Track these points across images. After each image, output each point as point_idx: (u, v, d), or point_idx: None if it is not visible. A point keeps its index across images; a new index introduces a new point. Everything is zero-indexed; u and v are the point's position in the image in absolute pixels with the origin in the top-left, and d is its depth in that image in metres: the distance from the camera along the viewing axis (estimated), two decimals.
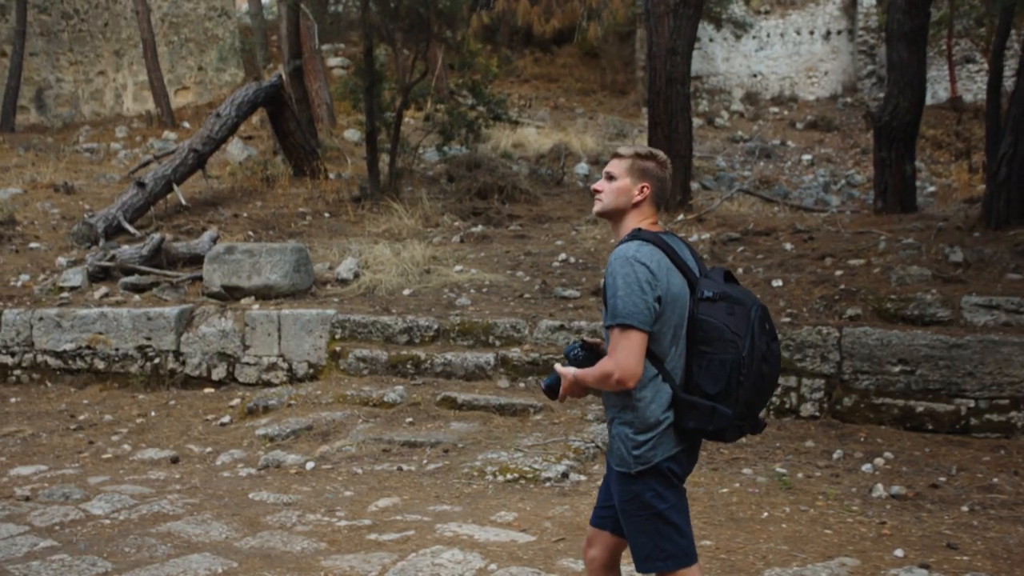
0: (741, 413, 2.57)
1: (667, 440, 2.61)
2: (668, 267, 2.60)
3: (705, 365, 2.58)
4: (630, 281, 2.53)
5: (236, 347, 7.58)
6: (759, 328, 2.57)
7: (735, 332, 2.56)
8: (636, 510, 2.66)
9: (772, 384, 2.63)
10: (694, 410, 2.58)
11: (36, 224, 10.84)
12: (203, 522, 4.81)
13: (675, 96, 11.19)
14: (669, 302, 2.57)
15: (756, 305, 2.62)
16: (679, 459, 2.65)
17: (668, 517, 2.65)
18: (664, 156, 2.80)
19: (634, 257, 2.55)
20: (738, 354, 2.55)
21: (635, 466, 2.62)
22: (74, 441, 6.59)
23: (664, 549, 2.66)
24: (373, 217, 11.06)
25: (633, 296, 2.51)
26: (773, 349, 2.62)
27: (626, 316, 2.52)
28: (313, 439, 6.24)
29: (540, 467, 5.56)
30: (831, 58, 24.27)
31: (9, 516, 4.89)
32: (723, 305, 2.59)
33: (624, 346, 2.52)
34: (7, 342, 8.00)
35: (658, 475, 2.62)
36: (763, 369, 2.56)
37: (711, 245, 8.92)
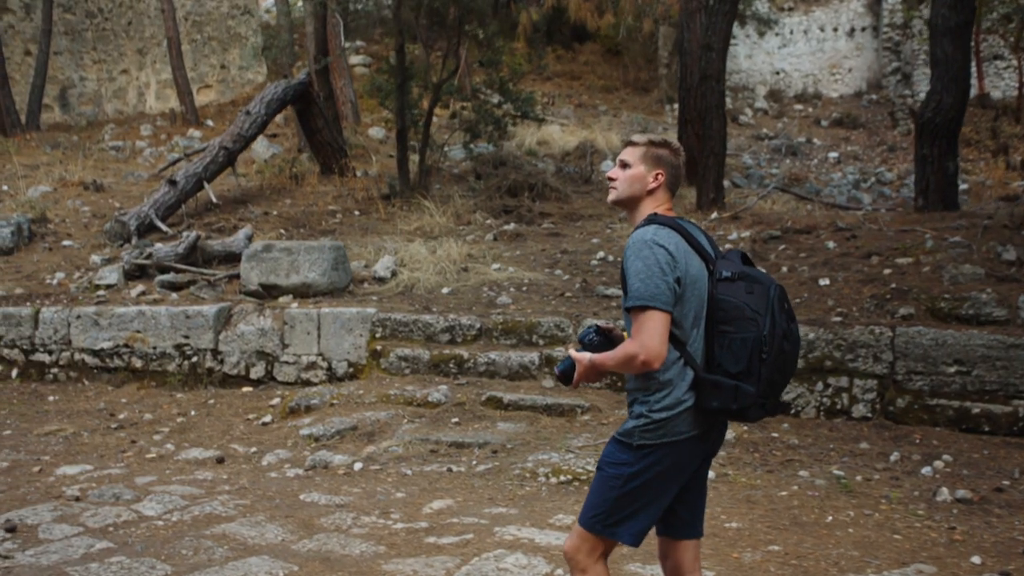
0: (764, 391, 2.57)
1: (681, 423, 2.60)
2: (686, 249, 2.61)
3: (727, 344, 2.58)
4: (650, 263, 2.54)
5: (275, 346, 7.52)
6: (779, 306, 2.58)
7: (755, 310, 2.57)
8: (612, 477, 2.66)
9: (793, 363, 2.64)
10: (717, 389, 2.57)
11: (67, 222, 10.81)
12: (257, 524, 4.73)
13: (709, 93, 11.06)
14: (689, 284, 2.58)
15: (774, 284, 2.62)
16: (684, 446, 2.62)
17: (628, 492, 2.62)
18: (677, 144, 2.79)
19: (652, 240, 2.57)
20: (759, 332, 2.55)
21: (637, 439, 2.62)
22: (116, 440, 6.53)
23: (612, 515, 2.64)
24: (404, 215, 10.98)
25: (654, 278, 2.52)
26: (792, 330, 2.62)
27: (648, 298, 2.51)
28: (359, 439, 6.16)
29: (593, 469, 5.46)
30: (855, 55, 24.05)
31: (62, 517, 4.83)
32: (742, 284, 2.60)
33: (648, 327, 2.52)
34: (45, 340, 7.96)
35: (654, 455, 2.61)
36: (784, 347, 2.57)
37: (751, 243, 8.80)
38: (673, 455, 2.61)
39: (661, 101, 20.86)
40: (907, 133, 20.09)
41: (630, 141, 2.81)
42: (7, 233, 9.64)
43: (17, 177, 12.60)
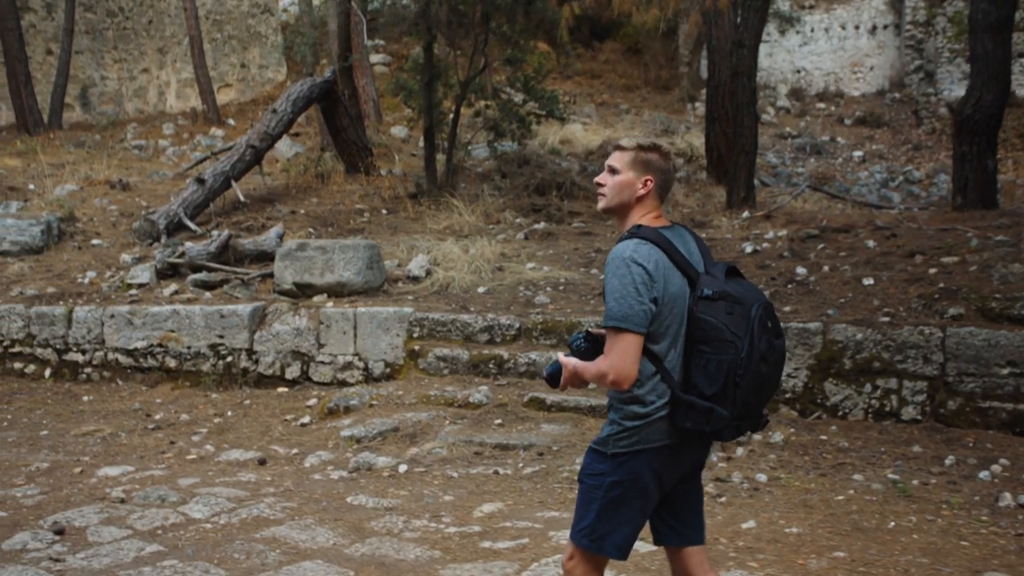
0: (739, 413, 2.55)
1: (653, 432, 2.59)
2: (667, 266, 2.56)
3: (703, 365, 2.55)
4: (626, 283, 2.50)
5: (310, 345, 7.44)
6: (759, 328, 2.53)
7: (734, 332, 2.52)
8: (589, 479, 2.66)
9: (773, 384, 2.61)
10: (691, 410, 2.55)
11: (95, 221, 10.77)
12: (307, 527, 4.65)
13: (741, 90, 10.94)
14: (667, 303, 2.54)
15: (758, 303, 2.56)
16: (662, 454, 2.60)
17: (610, 503, 2.61)
18: (667, 148, 2.73)
19: (631, 258, 2.52)
20: (736, 355, 2.51)
21: (612, 447, 2.61)
22: (154, 441, 6.47)
23: (595, 530, 2.63)
24: (433, 214, 10.90)
25: (628, 298, 2.49)
26: (776, 347, 2.58)
27: (621, 319, 2.50)
28: (401, 441, 6.08)
29: None
30: (877, 53, 23.84)
31: (109, 519, 4.76)
32: (722, 304, 2.54)
33: (619, 348, 2.51)
34: (78, 340, 7.90)
35: (629, 464, 2.59)
36: (762, 369, 2.53)
37: (789, 242, 8.67)
38: (649, 463, 2.60)
39: (683, 100, 20.72)
40: (932, 132, 19.91)
41: (618, 145, 2.74)
42: (37, 232, 9.60)
43: (43, 176, 12.58)
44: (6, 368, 8.02)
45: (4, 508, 4.98)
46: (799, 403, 6.56)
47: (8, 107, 19.69)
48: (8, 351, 8.02)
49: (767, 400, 2.63)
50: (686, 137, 17.05)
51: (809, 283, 7.48)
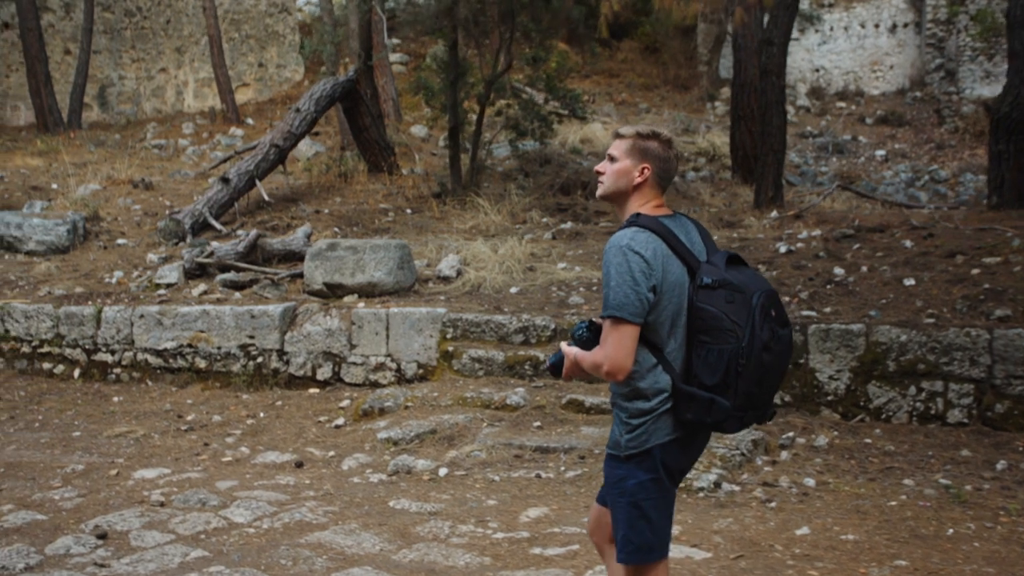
0: (741, 404, 2.50)
1: (661, 427, 2.56)
2: (666, 254, 2.52)
3: (704, 355, 2.51)
4: (623, 271, 2.47)
5: (342, 346, 7.36)
6: (761, 316, 2.48)
7: (734, 321, 2.48)
8: (617, 496, 2.63)
9: (777, 374, 2.55)
10: (692, 401, 2.52)
11: (120, 220, 10.73)
12: (351, 532, 4.57)
13: (770, 88, 10.81)
14: (666, 291, 2.51)
15: (760, 292, 2.51)
16: (671, 449, 2.58)
17: (644, 509, 2.59)
18: (668, 135, 2.67)
19: (628, 246, 2.49)
20: (737, 344, 2.47)
21: (624, 450, 2.58)
22: (188, 443, 6.40)
23: (631, 541, 2.61)
24: (458, 213, 10.82)
25: (625, 287, 2.46)
26: (781, 336, 2.52)
27: (617, 308, 2.47)
28: (439, 443, 5.99)
29: (690, 476, 5.25)
30: (896, 52, 23.64)
31: (150, 523, 4.69)
32: (722, 293, 2.50)
33: (614, 339, 2.48)
34: (107, 340, 7.84)
35: (646, 463, 2.57)
36: (764, 359, 2.48)
37: (824, 242, 8.55)
38: (662, 458, 2.58)
39: (702, 99, 20.58)
40: (955, 131, 19.71)
41: (618, 133, 2.71)
42: (63, 231, 9.56)
43: (66, 176, 12.56)
44: (35, 368, 7.97)
45: (43, 511, 4.92)
46: (841, 406, 6.45)
47: (27, 107, 19.74)
48: (37, 351, 7.97)
49: (772, 391, 2.57)
50: (707, 136, 16.93)
51: (848, 283, 7.36)
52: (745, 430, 5.88)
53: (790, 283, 7.48)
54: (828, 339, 6.44)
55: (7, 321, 8.01)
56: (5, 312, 8.02)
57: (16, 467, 5.82)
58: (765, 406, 2.58)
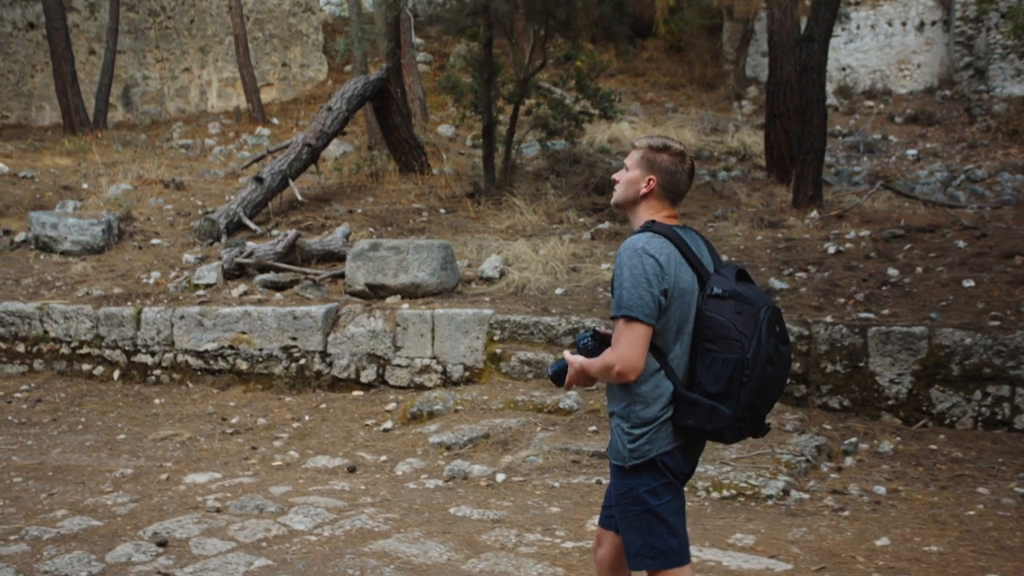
0: (741, 414, 2.53)
1: (663, 435, 2.57)
2: (678, 261, 2.57)
3: (708, 363, 2.54)
4: (637, 273, 2.51)
5: (387, 348, 7.24)
6: (767, 329, 2.52)
7: (741, 331, 2.51)
8: (628, 505, 2.63)
9: (778, 387, 2.58)
10: (694, 408, 2.53)
11: (153, 220, 10.65)
12: (416, 541, 4.44)
13: (810, 86, 10.62)
14: (676, 296, 2.55)
15: (767, 306, 2.56)
16: (675, 455, 2.60)
17: (660, 514, 2.60)
18: (680, 148, 2.70)
19: (643, 249, 2.53)
20: (743, 354, 2.50)
21: (629, 460, 2.59)
22: (235, 446, 6.28)
23: (653, 547, 2.61)
24: (494, 213, 10.68)
25: (639, 288, 2.49)
26: (783, 353, 2.56)
27: (630, 308, 2.50)
28: (493, 448, 5.86)
29: (757, 483, 5.11)
30: (924, 50, 23.38)
31: (209, 530, 4.57)
32: (732, 303, 2.54)
33: (627, 339, 2.50)
34: (147, 341, 7.75)
35: (653, 470, 2.59)
36: (768, 371, 2.51)
37: (873, 243, 8.38)
38: (666, 465, 2.59)
39: (729, 98, 20.38)
40: (986, 130, 19.43)
41: (633, 144, 2.77)
42: (98, 231, 9.48)
43: (96, 175, 12.50)
44: (74, 370, 7.88)
45: (98, 516, 4.81)
46: (903, 410, 6.28)
47: (52, 107, 19.75)
48: (76, 352, 7.89)
49: (770, 405, 2.60)
50: (737, 136, 16.74)
51: (904, 285, 7.18)
52: (808, 436, 5.73)
53: (844, 284, 7.31)
54: (889, 342, 6.28)
55: (46, 322, 7.93)
56: (44, 313, 7.93)
57: (64, 471, 5.72)
58: (761, 419, 2.61)
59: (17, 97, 20.15)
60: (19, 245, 9.66)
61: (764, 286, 7.41)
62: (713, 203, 11.49)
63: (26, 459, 5.99)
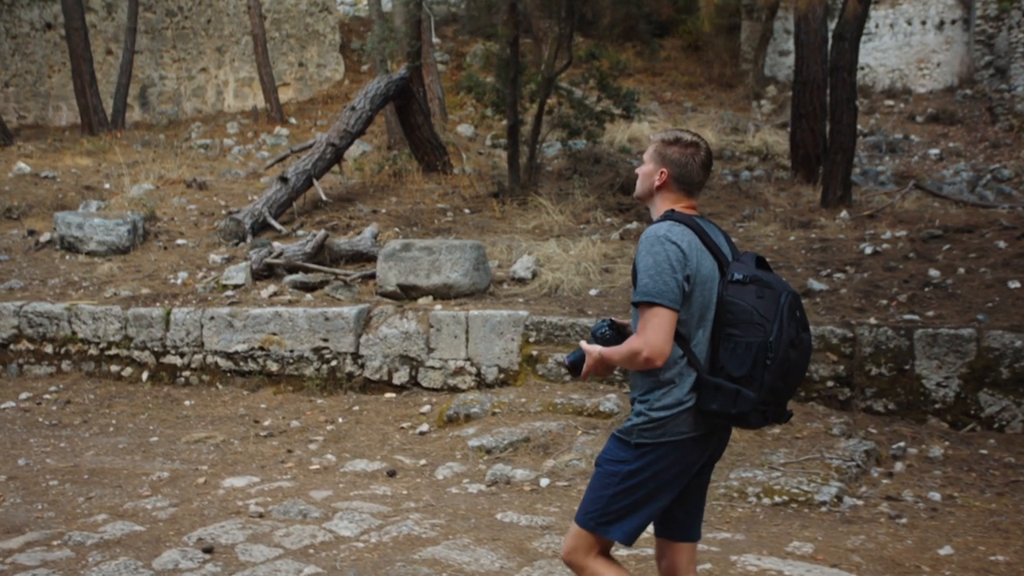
0: (765, 398, 2.54)
1: (680, 423, 2.58)
2: (699, 248, 2.60)
3: (732, 348, 2.56)
4: (660, 260, 2.53)
5: (420, 350, 7.14)
6: (788, 314, 2.55)
7: (763, 315, 2.54)
8: (608, 475, 2.65)
9: (799, 372, 2.60)
10: (718, 392, 2.55)
11: (176, 220, 10.58)
12: (465, 548, 4.34)
13: (840, 85, 10.50)
14: (698, 283, 2.57)
15: (787, 291, 2.59)
16: (684, 446, 2.60)
17: (632, 495, 2.61)
18: (691, 139, 2.72)
19: (665, 236, 2.56)
20: (765, 338, 2.53)
21: (636, 437, 2.61)
22: (270, 449, 6.19)
23: (604, 514, 2.64)
24: (520, 213, 10.57)
25: (664, 275, 2.51)
26: (803, 339, 2.58)
27: (656, 295, 2.51)
28: (534, 452, 5.75)
29: (809, 489, 4.99)
30: (944, 49, 23.18)
31: (254, 536, 4.48)
32: (753, 288, 2.58)
33: (654, 324, 2.51)
34: (176, 342, 7.67)
35: (650, 455, 2.59)
36: (790, 355, 2.53)
37: (911, 243, 8.25)
38: (672, 455, 2.60)
39: (747, 97, 20.23)
40: (1009, 129, 19.23)
41: (650, 138, 2.86)
42: (124, 232, 9.41)
43: (117, 175, 12.45)
44: (102, 371, 7.81)
45: (139, 521, 4.72)
46: (950, 414, 6.15)
47: (69, 107, 19.74)
48: (104, 353, 7.81)
49: (793, 390, 2.61)
50: (758, 135, 16.60)
51: (947, 286, 7.05)
52: (856, 440, 5.61)
53: (884, 285, 7.19)
54: (936, 344, 6.15)
55: (74, 323, 7.86)
56: (72, 314, 7.86)
57: (99, 474, 5.64)
58: (784, 404, 2.61)
59: (34, 97, 20.16)
60: (44, 245, 9.60)
61: (802, 287, 7.29)
62: (740, 203, 11.37)
63: (60, 461, 5.91)
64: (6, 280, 8.71)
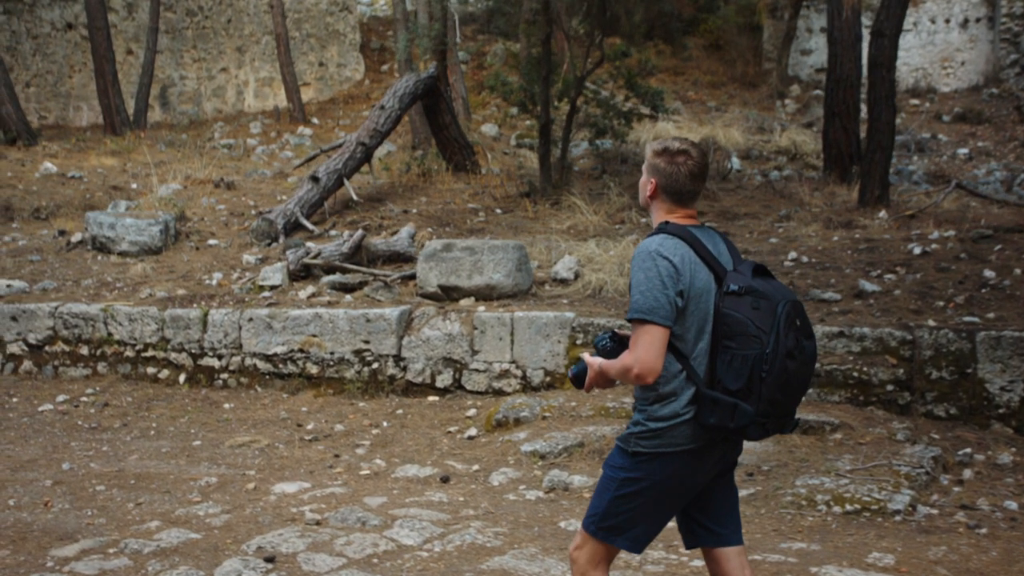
0: (764, 411, 2.51)
1: (678, 435, 2.57)
2: (693, 261, 2.57)
3: (728, 360, 2.54)
4: (651, 276, 2.51)
5: (463, 352, 7.01)
6: (786, 324, 2.51)
7: (759, 327, 2.51)
8: (608, 480, 2.66)
9: (801, 382, 2.56)
10: (716, 406, 2.53)
11: (206, 220, 10.48)
12: (533, 558, 4.20)
13: (879, 82, 10.33)
14: (693, 297, 2.55)
15: (785, 301, 2.55)
16: (682, 458, 2.58)
17: (630, 504, 2.61)
18: (679, 148, 2.67)
19: (656, 251, 2.55)
20: (762, 349, 2.49)
21: (633, 445, 2.61)
22: (316, 454, 6.07)
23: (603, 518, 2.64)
24: (553, 213, 10.44)
25: (654, 291, 2.50)
26: (805, 347, 2.55)
27: (646, 311, 2.50)
28: (589, 457, 5.61)
29: (881, 497, 4.84)
30: (968, 48, 22.96)
31: (315, 545, 4.35)
32: (748, 299, 2.55)
33: (644, 341, 2.51)
34: (214, 344, 7.56)
35: (648, 466, 2.59)
36: (788, 365, 2.49)
37: (960, 243, 8.08)
38: (670, 467, 2.58)
39: (771, 96, 20.04)
40: None
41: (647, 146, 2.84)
42: (156, 232, 9.31)
43: (145, 175, 12.36)
44: (139, 373, 7.70)
45: (193, 528, 4.60)
46: (1015, 419, 5.98)
47: (89, 107, 19.69)
48: (141, 355, 7.70)
49: (795, 401, 2.58)
50: (785, 134, 16.42)
51: (1004, 287, 6.88)
52: (922, 446, 5.45)
53: (939, 287, 7.02)
54: (999, 347, 5.98)
55: (110, 324, 7.76)
56: (108, 315, 7.76)
57: (146, 479, 5.53)
58: (788, 415, 2.59)
59: (55, 97, 20.12)
60: (76, 246, 9.51)
61: (854, 288, 7.13)
62: (775, 203, 11.20)
63: (104, 466, 5.80)
64: (39, 281, 8.62)
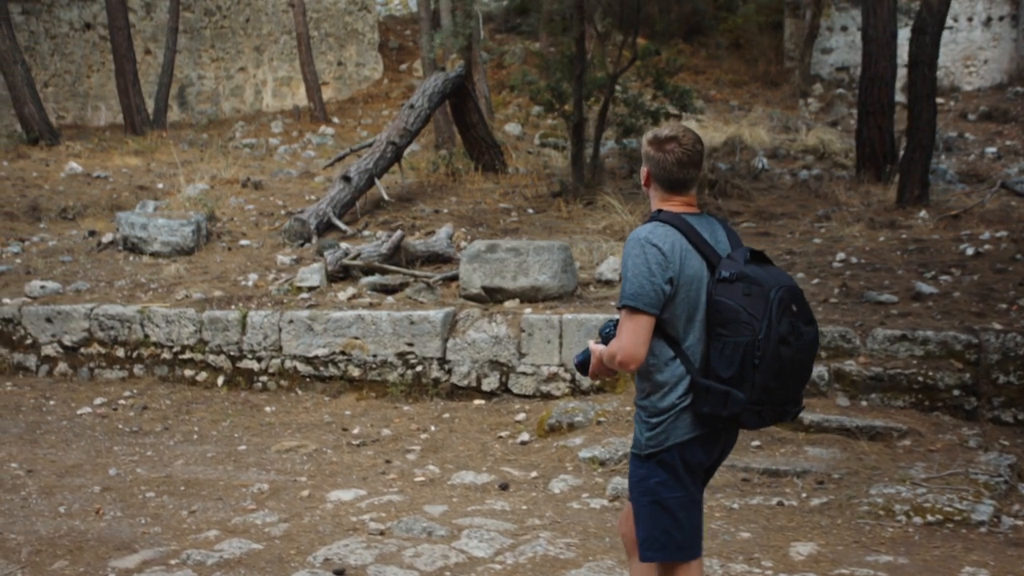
0: (758, 398, 2.49)
1: (681, 425, 2.57)
2: (684, 248, 2.56)
3: (721, 348, 2.53)
4: (639, 263, 2.52)
5: (511, 355, 6.86)
6: (779, 309, 2.48)
7: (751, 314, 2.49)
8: (640, 495, 2.64)
9: (797, 369, 2.53)
10: (708, 394, 2.53)
11: (236, 220, 10.35)
12: (611, 571, 4.05)
13: (920, 80, 10.17)
14: (682, 284, 2.54)
15: (779, 286, 2.52)
16: (692, 447, 2.59)
17: (668, 506, 2.60)
18: (667, 135, 2.66)
19: (646, 239, 2.55)
20: (753, 336, 2.47)
21: (646, 448, 2.61)
22: (367, 459, 5.92)
23: (656, 539, 2.62)
24: (587, 213, 10.28)
25: (641, 278, 2.50)
26: (803, 333, 2.52)
27: (632, 298, 2.52)
28: None
29: (963, 507, 4.67)
30: (991, 46, 22.74)
31: (382, 556, 4.20)
32: (740, 286, 2.53)
33: (628, 328, 2.52)
34: (253, 346, 7.41)
35: (666, 461, 2.59)
36: (781, 352, 2.46)
37: (1014, 244, 7.91)
38: (682, 456, 2.59)
39: (794, 95, 19.86)
40: None
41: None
42: (188, 232, 9.17)
43: (171, 175, 12.24)
44: (176, 375, 7.56)
45: (253, 538, 4.46)
46: None
47: (108, 107, 19.61)
48: (178, 357, 7.57)
49: (793, 388, 2.56)
50: (812, 133, 16.23)
51: None
52: (996, 454, 5.28)
53: (999, 289, 6.84)
54: None
55: (147, 326, 7.62)
56: (145, 317, 7.63)
57: (195, 485, 5.38)
58: (785, 403, 2.57)
59: (73, 97, 20.03)
60: (107, 246, 9.38)
61: (909, 290, 6.96)
62: (811, 203, 11.03)
63: (151, 471, 5.66)
64: (72, 282, 8.50)
